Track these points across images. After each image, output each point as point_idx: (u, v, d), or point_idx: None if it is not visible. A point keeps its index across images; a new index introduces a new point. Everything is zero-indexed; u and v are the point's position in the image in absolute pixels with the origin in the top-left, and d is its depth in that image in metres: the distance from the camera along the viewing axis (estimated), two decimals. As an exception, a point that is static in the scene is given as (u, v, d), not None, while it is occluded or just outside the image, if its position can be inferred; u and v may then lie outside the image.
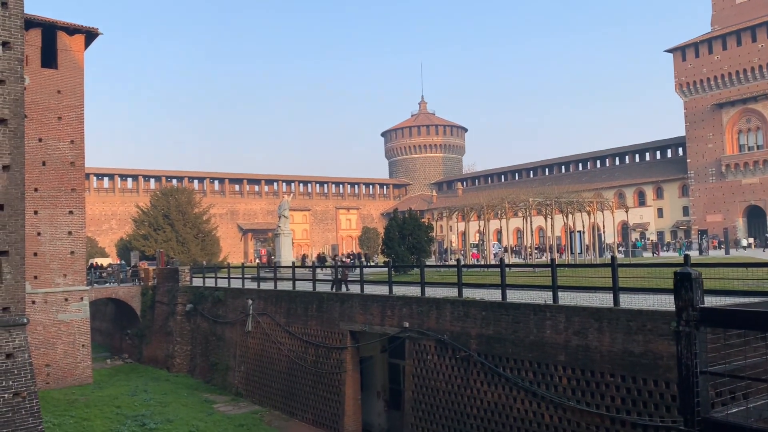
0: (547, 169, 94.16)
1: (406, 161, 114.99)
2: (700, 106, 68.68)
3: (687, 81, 69.35)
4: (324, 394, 23.43)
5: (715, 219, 67.24)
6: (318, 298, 24.65)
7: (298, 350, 25.33)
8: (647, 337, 13.08)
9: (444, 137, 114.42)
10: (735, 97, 65.19)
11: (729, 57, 65.77)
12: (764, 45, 63.01)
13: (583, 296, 16.67)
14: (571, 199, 42.74)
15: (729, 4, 68.29)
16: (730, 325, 4.57)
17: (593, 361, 14.13)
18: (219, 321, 31.68)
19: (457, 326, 17.87)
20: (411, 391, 19.41)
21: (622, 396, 13.52)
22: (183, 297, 35.12)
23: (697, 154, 69.18)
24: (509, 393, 16.07)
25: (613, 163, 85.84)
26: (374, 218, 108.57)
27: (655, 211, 75.16)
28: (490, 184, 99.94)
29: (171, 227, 54.48)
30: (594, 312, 14.32)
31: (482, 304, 17.27)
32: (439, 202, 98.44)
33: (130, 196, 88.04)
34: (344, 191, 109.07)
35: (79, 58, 31.63)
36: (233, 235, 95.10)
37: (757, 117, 64.32)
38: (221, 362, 30.71)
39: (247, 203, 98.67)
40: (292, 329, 25.76)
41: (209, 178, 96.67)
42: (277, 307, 27.25)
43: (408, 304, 19.90)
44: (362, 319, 21.92)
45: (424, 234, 37.37)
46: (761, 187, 63.74)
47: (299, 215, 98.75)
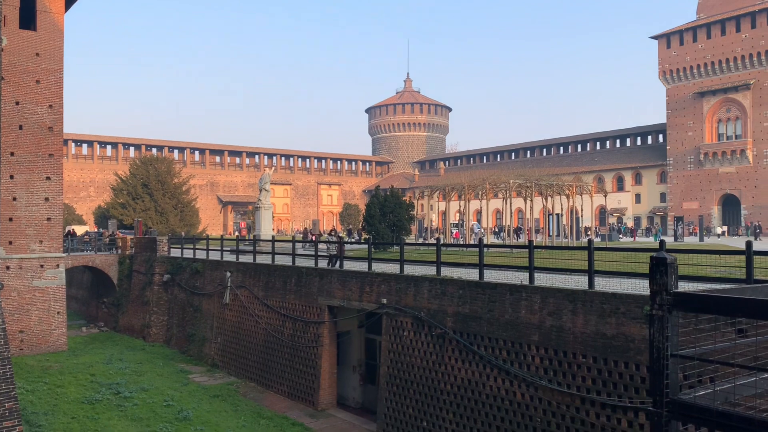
0: (529, 151, 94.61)
1: (390, 139, 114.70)
2: (682, 94, 69.27)
3: (670, 68, 69.80)
4: (300, 367, 23.59)
5: (692, 206, 68.29)
6: (297, 272, 24.68)
7: (275, 323, 25.41)
8: (620, 319, 13.32)
9: (428, 116, 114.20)
10: (716, 87, 65.83)
11: (713, 46, 66.25)
12: (747, 35, 63.53)
13: (559, 278, 16.90)
14: (551, 182, 43.01)
15: (716, -8, 68.60)
16: (702, 310, 4.69)
17: (566, 342, 14.39)
18: (196, 292, 31.60)
19: (434, 304, 18.04)
20: (386, 366, 19.62)
21: (593, 377, 13.80)
22: (160, 267, 34.94)
23: (676, 141, 69.93)
24: (483, 371, 16.32)
25: (593, 148, 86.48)
26: (356, 195, 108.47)
27: (633, 196, 76.07)
28: (472, 164, 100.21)
29: (150, 197, 53.94)
30: (569, 294, 14.54)
31: (460, 283, 17.43)
32: (421, 181, 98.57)
33: (109, 164, 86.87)
34: (326, 167, 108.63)
35: (59, 20, 30.87)
36: (213, 207, 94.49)
37: (737, 107, 65.08)
38: (198, 333, 30.71)
39: (228, 175, 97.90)
40: (270, 303, 25.81)
41: (190, 149, 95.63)
42: (255, 280, 27.24)
43: (387, 280, 20.02)
44: (341, 295, 22.02)
45: (404, 212, 37.50)
46: (737, 176, 64.76)
47: (280, 189, 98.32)
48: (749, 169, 63.89)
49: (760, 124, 63.04)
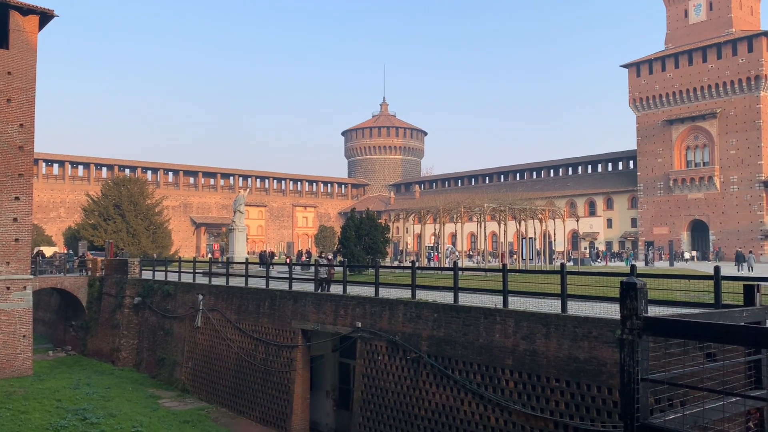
0: (503, 175, 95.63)
1: (366, 161, 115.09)
2: (651, 122, 70.86)
3: (640, 96, 71.45)
4: (272, 392, 23.26)
5: (662, 231, 69.47)
6: (271, 295, 24.45)
7: (247, 347, 25.07)
8: (592, 343, 13.44)
9: (404, 139, 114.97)
10: (685, 115, 67.50)
11: (681, 75, 68.07)
12: (713, 66, 65.43)
13: (533, 301, 17.02)
14: (524, 207, 43.51)
15: (682, 24, 70.68)
16: (672, 334, 4.76)
17: (540, 365, 14.44)
18: (168, 315, 31.08)
19: (409, 327, 18.00)
20: (360, 391, 19.45)
21: (566, 401, 13.85)
22: (131, 289, 34.34)
23: (647, 167, 71.34)
24: (457, 395, 16.27)
25: (566, 173, 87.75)
26: (331, 217, 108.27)
27: (605, 221, 77.17)
28: (447, 188, 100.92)
29: (122, 218, 53.19)
30: (542, 317, 14.64)
31: (434, 306, 17.44)
32: (397, 204, 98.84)
33: (81, 185, 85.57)
34: (302, 188, 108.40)
35: (33, 39, 30.57)
36: (186, 229, 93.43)
37: (704, 135, 66.74)
38: (168, 357, 30.14)
39: (202, 196, 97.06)
40: (243, 326, 25.49)
41: (163, 170, 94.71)
42: (228, 303, 26.92)
43: (361, 304, 19.94)
44: (315, 318, 21.86)
45: (380, 235, 37.52)
46: (705, 202, 66.18)
47: (255, 211, 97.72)
48: (717, 196, 65.36)
49: (726, 152, 64.68)
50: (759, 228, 62.33)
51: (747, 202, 63.25)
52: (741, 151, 63.61)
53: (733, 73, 63.89)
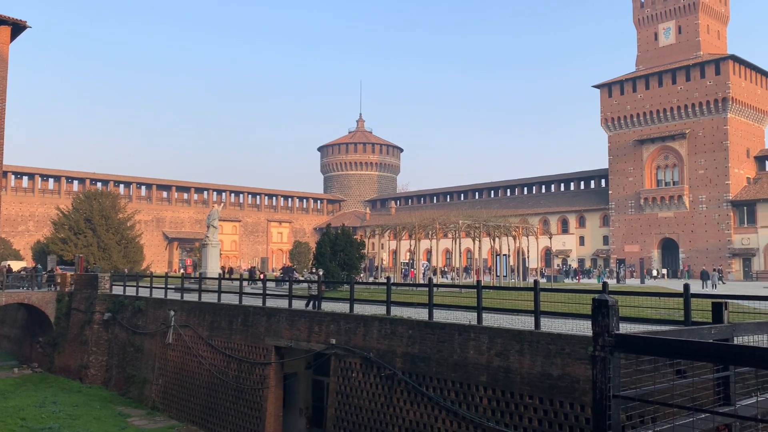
0: (477, 193, 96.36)
1: (342, 177, 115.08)
2: (623, 141, 72.16)
3: (612, 116, 72.78)
4: (245, 410, 22.93)
5: (633, 249, 70.48)
6: (244, 311, 24.20)
7: (219, 365, 24.72)
8: (565, 360, 13.53)
9: (380, 156, 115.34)
10: (655, 135, 68.90)
11: (651, 96, 69.56)
12: (683, 87, 67.03)
13: (507, 318, 17.11)
14: (499, 224, 43.85)
15: (653, 46, 72.40)
16: (642, 351, 4.82)
17: (513, 382, 14.49)
18: (138, 331, 30.54)
19: (383, 344, 17.94)
20: (334, 408, 19.28)
21: (539, 418, 13.90)
22: (101, 305, 33.70)
23: (618, 186, 72.50)
24: (431, 412, 16.22)
25: (539, 191, 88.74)
26: (306, 232, 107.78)
27: (578, 238, 78.09)
28: (423, 204, 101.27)
29: (93, 232, 52.29)
30: (516, 334, 14.71)
31: (409, 323, 17.42)
32: (372, 220, 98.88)
33: (51, 198, 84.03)
34: (277, 204, 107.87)
35: (4, 50, 30.15)
36: (158, 243, 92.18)
37: (674, 155, 68.16)
38: (138, 374, 29.57)
39: (175, 211, 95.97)
40: (215, 343, 25.15)
41: (136, 183, 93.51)
42: (200, 320, 26.55)
43: (336, 320, 19.83)
44: (289, 335, 21.66)
45: (355, 251, 37.46)
46: (675, 220, 67.40)
47: (229, 226, 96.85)
48: (686, 215, 66.62)
49: (695, 172, 66.09)
50: (727, 246, 63.61)
51: (715, 221, 64.58)
52: (709, 171, 65.05)
53: (701, 94, 65.50)
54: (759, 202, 62.38)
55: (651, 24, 72.69)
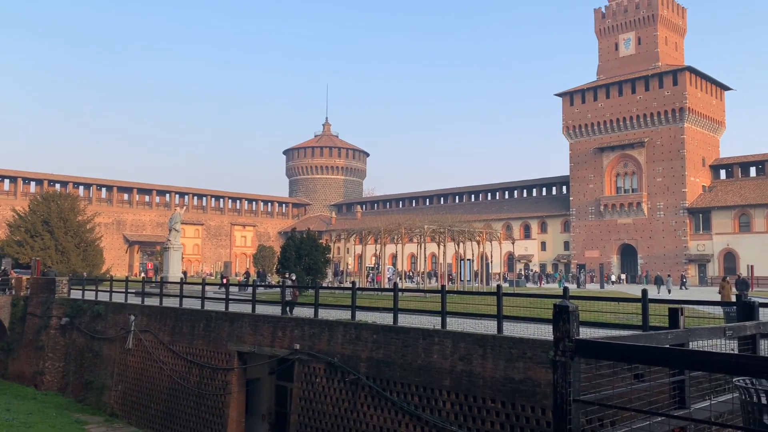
0: (442, 198, 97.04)
1: (307, 181, 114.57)
2: (584, 149, 73.58)
3: (573, 124, 74.18)
4: (206, 416, 22.61)
5: (593, 254, 71.87)
6: (206, 316, 23.88)
7: (181, 370, 24.34)
8: (527, 364, 13.73)
9: (346, 160, 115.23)
10: (615, 143, 70.45)
11: (611, 105, 71.15)
12: (642, 97, 68.74)
13: (470, 322, 17.27)
14: (463, 229, 44.22)
15: (614, 56, 74.09)
16: (602, 356, 4.94)
17: (476, 386, 14.62)
18: (97, 337, 29.86)
19: (348, 349, 17.91)
20: (297, 414, 19.17)
21: (501, 421, 14.06)
22: (59, 310, 32.85)
23: (579, 193, 73.88)
24: (395, 417, 16.26)
25: (503, 197, 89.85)
26: (271, 236, 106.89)
27: (539, 244, 79.26)
28: (389, 209, 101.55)
29: (50, 235, 50.98)
30: (479, 338, 14.86)
31: (374, 328, 17.44)
32: (338, 224, 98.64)
33: (6, 199, 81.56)
34: (241, 207, 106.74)
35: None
36: (118, 247, 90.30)
37: (633, 163, 69.79)
38: (97, 380, 28.90)
39: (136, 214, 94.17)
40: (176, 348, 24.75)
41: (96, 185, 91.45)
42: (161, 325, 26.11)
43: (300, 325, 19.74)
44: (252, 340, 21.46)
45: (321, 255, 37.30)
46: (634, 227, 68.98)
47: (191, 229, 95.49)
48: (644, 221, 68.25)
49: (653, 180, 67.78)
50: (683, 252, 65.37)
51: (672, 228, 66.30)
52: (667, 179, 66.79)
53: (659, 104, 67.26)
54: (714, 210, 64.30)
55: (612, 35, 74.39)
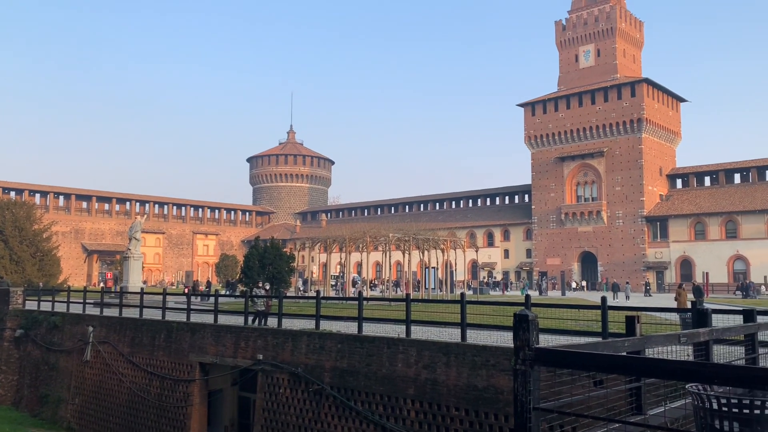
0: (407, 206, 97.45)
1: (272, 189, 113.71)
2: (545, 158, 74.84)
3: (535, 134, 75.42)
4: (167, 429, 22.17)
5: (554, 262, 73.01)
6: (167, 327, 23.47)
7: (141, 382, 23.84)
8: (490, 372, 13.86)
9: (311, 168, 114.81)
10: (575, 153, 71.85)
11: (572, 116, 72.60)
12: (601, 108, 70.34)
13: (435, 330, 17.37)
14: (428, 237, 44.48)
15: (574, 68, 75.68)
16: (561, 364, 5.03)
17: (440, 394, 14.70)
18: (53, 349, 29.04)
19: (312, 359, 17.82)
20: (261, 425, 18.95)
21: (465, 429, 14.15)
22: (13, 321, 31.84)
23: (540, 201, 75.06)
24: (359, 426, 16.21)
25: (467, 205, 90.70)
26: (234, 245, 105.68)
27: (502, 251, 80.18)
28: (354, 217, 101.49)
29: (4, 244, 49.48)
30: (443, 346, 14.95)
31: (338, 337, 17.39)
32: (303, 232, 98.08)
33: (-44, 207, 78.85)
34: (203, 215, 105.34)
35: None
36: (77, 256, 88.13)
37: (593, 172, 71.26)
38: (53, 394, 28.09)
39: (95, 222, 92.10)
40: (136, 359, 24.24)
41: (53, 193, 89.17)
42: (121, 336, 25.55)
43: (263, 335, 19.55)
44: (214, 351, 21.17)
45: (285, 264, 37.08)
46: (594, 235, 70.35)
47: (152, 238, 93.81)
48: (604, 229, 69.68)
49: (612, 188, 69.31)
50: (642, 260, 66.90)
51: (631, 236, 67.83)
52: (625, 188, 68.36)
53: (618, 115, 68.90)
54: (671, 218, 66.03)
55: (572, 47, 75.99)
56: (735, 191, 66.09)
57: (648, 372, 4.78)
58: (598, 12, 73.83)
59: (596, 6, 74.36)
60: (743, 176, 67.92)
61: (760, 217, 61.02)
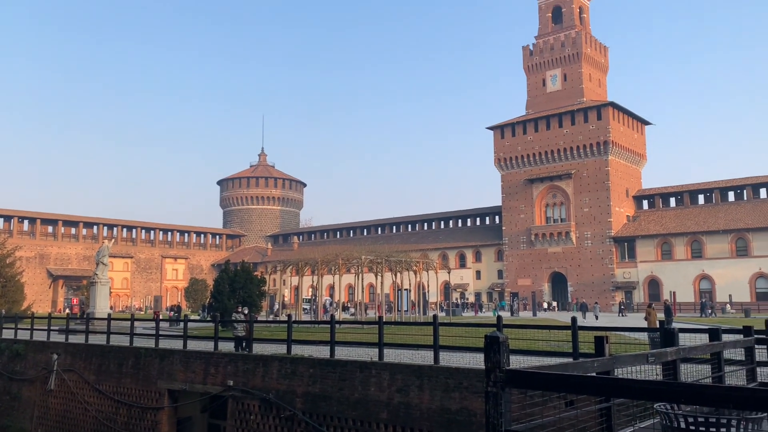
0: (380, 228, 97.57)
1: (242, 212, 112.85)
2: (515, 180, 75.83)
3: (504, 157, 76.44)
4: (134, 459, 21.59)
5: (525, 282, 73.60)
6: (135, 353, 22.98)
7: (107, 411, 23.22)
8: (463, 394, 13.85)
9: (283, 190, 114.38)
10: (544, 175, 72.97)
11: (540, 138, 73.84)
12: (568, 131, 71.71)
13: (407, 353, 17.32)
14: (400, 259, 44.52)
15: (541, 92, 77.18)
16: (532, 386, 5.06)
17: (414, 418, 14.61)
18: (16, 378, 28.15)
19: (283, 384, 17.59)
20: (231, 453, 18.57)
21: (439, 452, 14.06)
22: (-28, 350, 30.80)
23: (511, 222, 75.85)
24: (332, 452, 16.00)
25: (438, 227, 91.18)
26: (204, 269, 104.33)
27: (474, 273, 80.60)
28: (326, 239, 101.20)
29: (-36, 270, 48.04)
30: (416, 369, 14.91)
31: (310, 362, 17.23)
32: (274, 255, 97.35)
33: None
34: (173, 239, 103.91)
35: None
36: (41, 282, 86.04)
37: (561, 193, 72.38)
38: (14, 425, 27.15)
39: (61, 247, 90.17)
40: (103, 387, 23.64)
41: (18, 217, 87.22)
42: (86, 363, 24.91)
43: (234, 361, 19.26)
44: (183, 377, 20.76)
45: (255, 288, 36.68)
46: (563, 255, 71.21)
47: (120, 263, 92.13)
48: (573, 250, 70.60)
49: (580, 210, 70.42)
50: (611, 280, 67.83)
51: (600, 256, 68.82)
52: (593, 209, 69.51)
53: (585, 138, 70.29)
54: (638, 239, 67.23)
55: (539, 71, 77.56)
56: (699, 212, 67.69)
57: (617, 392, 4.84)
58: (564, 37, 75.62)
59: (562, 32, 76.18)
60: (707, 197, 69.69)
61: (724, 237, 62.51)
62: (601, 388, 4.73)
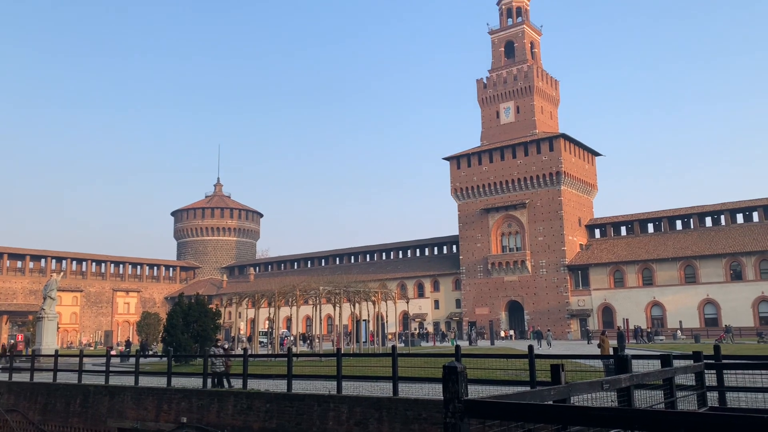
0: (338, 258, 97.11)
1: (197, 243, 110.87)
2: (471, 210, 76.80)
3: (460, 187, 77.48)
4: (81, 503, 20.63)
5: (483, 311, 74.08)
6: (83, 391, 22.12)
7: (53, 453, 22.19)
8: (423, 426, 13.77)
9: (239, 221, 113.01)
10: (499, 204, 74.16)
11: (495, 169, 75.20)
12: (522, 161, 73.26)
13: (366, 385, 17.15)
14: (359, 289, 44.34)
15: (495, 123, 78.87)
16: (490, 416, 5.08)
17: (373, 451, 14.41)
18: (-47, 420, 26.68)
19: (239, 420, 17.17)
20: (185, 493, 17.93)
21: (399, 486, 13.87)
22: None
23: (468, 252, 76.55)
24: (290, 489, 15.61)
25: (397, 256, 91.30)
26: (157, 302, 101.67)
27: (433, 302, 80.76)
28: (283, 270, 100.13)
29: None
30: (375, 402, 14.77)
31: (267, 396, 16.88)
32: (230, 287, 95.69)
33: None
34: (124, 272, 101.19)
35: None
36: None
37: (516, 223, 73.59)
38: (-50, 471, 25.65)
39: (6, 281, 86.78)
40: (48, 428, 22.62)
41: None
42: (31, 403, 23.84)
43: (188, 397, 18.73)
44: (134, 415, 20.05)
45: (210, 321, 35.90)
46: (520, 284, 72.10)
47: (69, 296, 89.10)
48: (529, 278, 71.58)
49: (535, 239, 71.64)
50: (566, 308, 68.89)
51: (555, 285, 69.92)
52: (547, 238, 70.81)
53: (538, 168, 71.91)
54: (591, 267, 68.65)
55: (493, 104, 79.37)
56: (649, 240, 69.68)
57: (574, 420, 4.89)
58: (516, 71, 77.71)
59: (515, 65, 78.33)
60: (656, 226, 71.88)
61: (673, 264, 64.40)
62: (558, 417, 4.77)
